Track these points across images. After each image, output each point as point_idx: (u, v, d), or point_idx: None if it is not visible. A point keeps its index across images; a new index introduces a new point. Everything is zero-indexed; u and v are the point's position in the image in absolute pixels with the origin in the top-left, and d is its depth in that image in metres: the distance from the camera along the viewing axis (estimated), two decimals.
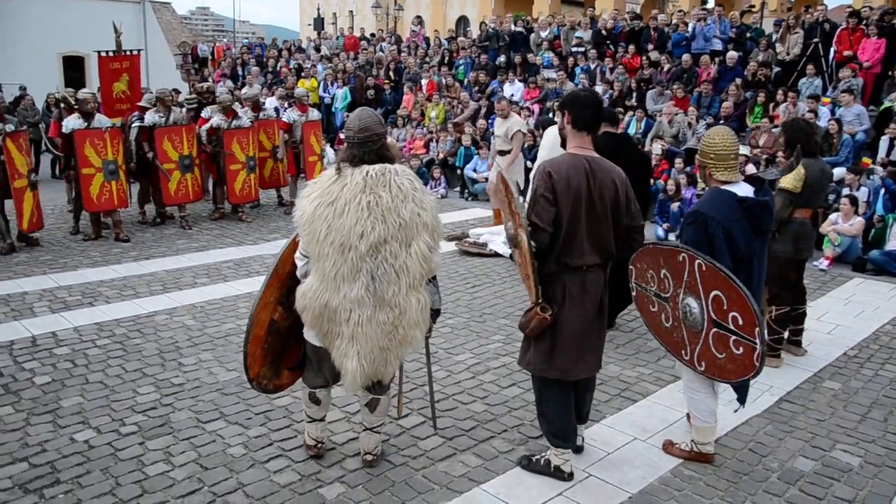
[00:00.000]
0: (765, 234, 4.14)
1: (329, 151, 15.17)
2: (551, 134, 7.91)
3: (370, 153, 3.69)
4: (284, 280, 3.94)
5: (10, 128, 8.83)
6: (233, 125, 10.62)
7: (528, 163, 13.00)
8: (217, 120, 10.60)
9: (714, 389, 4.22)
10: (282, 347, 4.07)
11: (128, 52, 11.72)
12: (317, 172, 11.18)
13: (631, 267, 4.35)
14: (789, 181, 5.51)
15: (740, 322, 3.74)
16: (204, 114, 10.83)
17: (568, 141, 3.89)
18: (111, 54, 11.51)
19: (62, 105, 11.38)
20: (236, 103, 11.29)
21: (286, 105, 12.86)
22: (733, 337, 3.79)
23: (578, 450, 4.25)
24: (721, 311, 3.82)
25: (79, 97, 9.67)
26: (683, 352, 4.11)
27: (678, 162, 11.44)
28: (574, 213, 3.66)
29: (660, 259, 4.11)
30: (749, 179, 4.18)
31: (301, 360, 4.17)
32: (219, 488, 3.94)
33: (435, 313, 3.93)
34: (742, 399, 4.32)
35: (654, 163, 11.82)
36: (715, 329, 3.87)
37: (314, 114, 12.08)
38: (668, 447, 4.39)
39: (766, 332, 3.82)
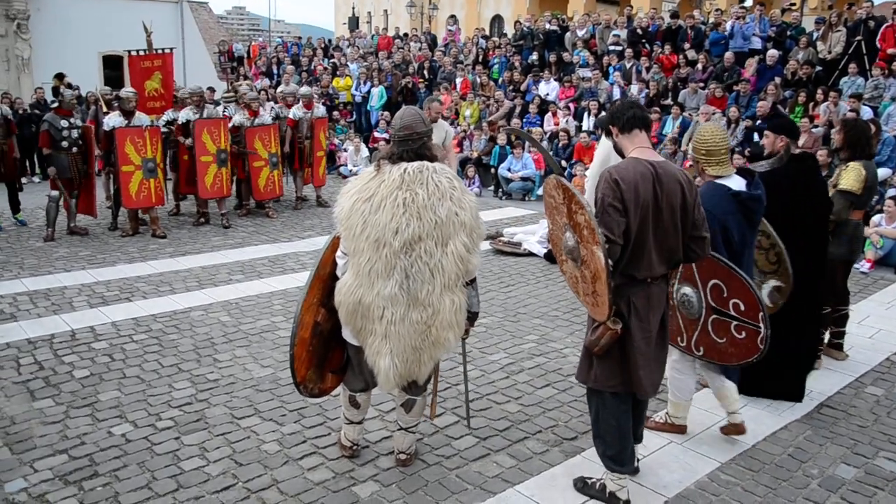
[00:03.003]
0: (756, 226, 4.34)
1: (364, 149, 15.26)
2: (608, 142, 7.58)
3: (410, 151, 3.68)
4: (326, 281, 3.93)
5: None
6: (255, 123, 10.77)
7: (563, 161, 12.97)
8: (239, 118, 10.73)
9: (694, 371, 4.50)
10: (325, 350, 4.05)
11: (159, 51, 11.87)
12: (322, 168, 11.87)
13: None
14: (851, 183, 5.43)
15: (742, 308, 3.92)
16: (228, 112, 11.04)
17: (625, 149, 3.66)
18: (142, 53, 11.68)
19: (98, 103, 11.56)
20: (269, 101, 11.42)
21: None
22: (734, 322, 3.97)
23: (634, 471, 4.03)
24: (720, 299, 4.00)
25: (121, 95, 9.87)
26: (679, 338, 4.28)
27: None
28: (642, 224, 3.43)
29: None
30: (741, 172, 4.29)
31: (344, 364, 4.15)
32: (253, 484, 3.96)
33: (472, 316, 3.88)
34: (734, 379, 4.45)
35: (690, 162, 11.67)
36: (714, 316, 4.06)
37: (320, 110, 12.20)
38: (646, 421, 4.34)
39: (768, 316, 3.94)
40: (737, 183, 4.18)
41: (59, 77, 9.93)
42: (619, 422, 3.72)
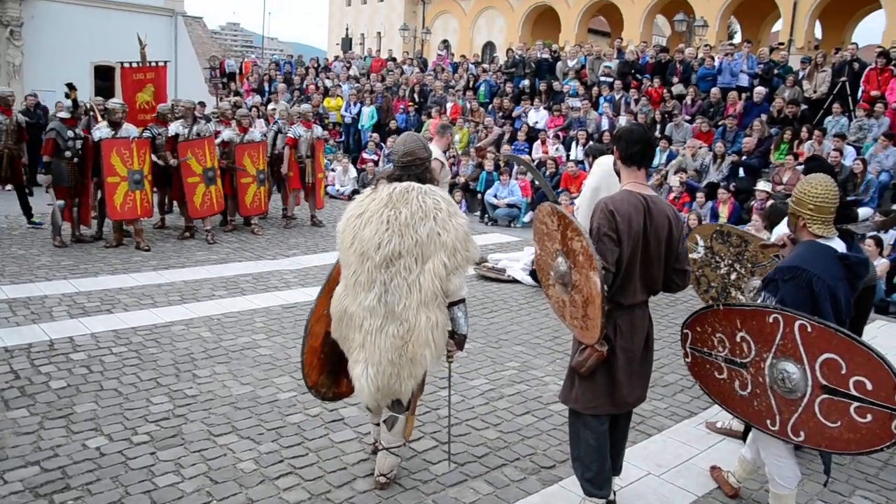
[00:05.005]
0: (856, 293, 3.82)
1: (352, 170, 15.30)
2: (603, 164, 7.55)
3: (411, 176, 3.91)
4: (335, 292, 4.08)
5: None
6: (245, 140, 10.81)
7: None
8: (229, 134, 10.75)
9: (794, 452, 3.91)
10: (340, 357, 4.13)
11: (153, 64, 11.89)
12: (322, 190, 12.03)
13: (686, 331, 4.11)
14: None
15: (869, 387, 3.32)
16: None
17: (622, 177, 3.74)
18: (135, 65, 11.70)
19: (90, 114, 11.56)
20: (259, 119, 11.49)
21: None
22: (855, 404, 3.37)
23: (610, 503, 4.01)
24: (837, 377, 3.41)
25: (108, 107, 9.84)
26: (769, 422, 3.71)
27: (699, 196, 11.40)
28: (632, 254, 3.54)
29: (736, 321, 3.79)
30: (841, 233, 3.84)
31: None
32: (228, 503, 3.92)
33: (461, 339, 3.97)
34: (827, 469, 3.88)
35: (674, 195, 11.78)
36: (825, 395, 3.47)
37: (318, 129, 12.29)
38: None
39: None
40: (839, 245, 3.73)
41: (71, 87, 9.99)
42: (598, 442, 3.77)
